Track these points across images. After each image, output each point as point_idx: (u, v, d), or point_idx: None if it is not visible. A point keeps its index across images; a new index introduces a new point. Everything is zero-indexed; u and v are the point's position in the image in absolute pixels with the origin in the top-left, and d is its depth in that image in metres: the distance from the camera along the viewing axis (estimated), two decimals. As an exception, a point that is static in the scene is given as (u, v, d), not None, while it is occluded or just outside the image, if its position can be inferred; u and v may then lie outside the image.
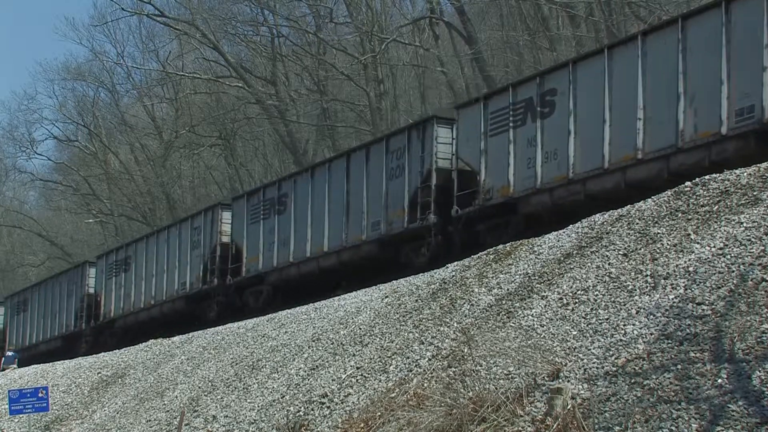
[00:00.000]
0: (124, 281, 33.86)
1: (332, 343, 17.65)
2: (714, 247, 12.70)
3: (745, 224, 12.87)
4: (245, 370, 19.23)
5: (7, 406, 21.11)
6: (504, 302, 14.87)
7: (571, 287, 13.90)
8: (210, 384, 19.71)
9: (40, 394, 20.12)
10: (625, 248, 14.11)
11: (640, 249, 13.79)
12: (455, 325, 15.11)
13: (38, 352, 37.19)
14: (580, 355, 11.95)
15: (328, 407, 15.11)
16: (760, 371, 9.91)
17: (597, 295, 13.29)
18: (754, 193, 13.70)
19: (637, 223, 14.71)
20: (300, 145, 48.30)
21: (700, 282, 12.03)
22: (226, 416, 17.48)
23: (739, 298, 11.28)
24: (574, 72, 19.65)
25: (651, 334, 11.55)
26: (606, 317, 12.60)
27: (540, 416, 11.05)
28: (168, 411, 19.77)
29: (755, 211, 13.09)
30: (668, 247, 13.38)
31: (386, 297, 18.63)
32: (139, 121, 58.90)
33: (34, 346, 38.25)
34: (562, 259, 15.22)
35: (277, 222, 27.18)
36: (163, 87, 55.29)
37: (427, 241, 22.36)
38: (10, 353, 36.26)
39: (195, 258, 30.20)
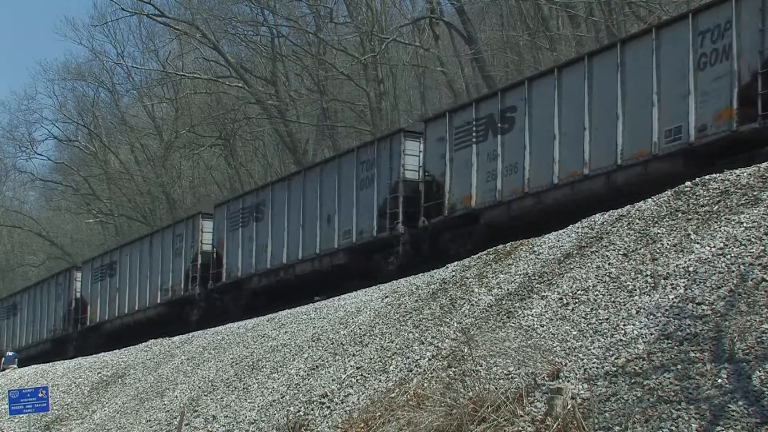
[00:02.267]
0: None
1: (332, 343, 17.65)
2: (714, 247, 12.70)
3: (745, 224, 12.87)
4: (245, 370, 19.23)
5: (7, 406, 21.11)
6: (504, 302, 14.87)
7: (571, 287, 13.90)
8: (210, 384, 19.71)
9: (40, 394, 20.12)
10: (625, 248, 14.11)
11: (640, 249, 13.79)
12: (455, 325, 15.11)
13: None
14: (580, 355, 11.95)
15: (328, 407, 15.11)
16: (760, 371, 9.91)
17: (597, 295, 13.29)
18: (754, 193, 13.70)
19: (637, 223, 14.71)
20: (300, 145, 48.30)
21: (700, 282, 12.03)
22: (226, 416, 17.48)
23: (739, 298, 11.28)
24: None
25: (651, 334, 11.55)
26: (606, 317, 12.60)
27: (540, 416, 11.05)
28: (168, 411, 19.77)
29: (755, 211, 13.09)
30: (668, 247, 13.38)
31: (386, 297, 18.64)
32: (139, 121, 58.89)
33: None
34: (562, 259, 15.22)
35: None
36: (163, 87, 55.29)
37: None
38: (10, 353, 36.24)
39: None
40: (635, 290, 12.79)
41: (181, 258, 31.28)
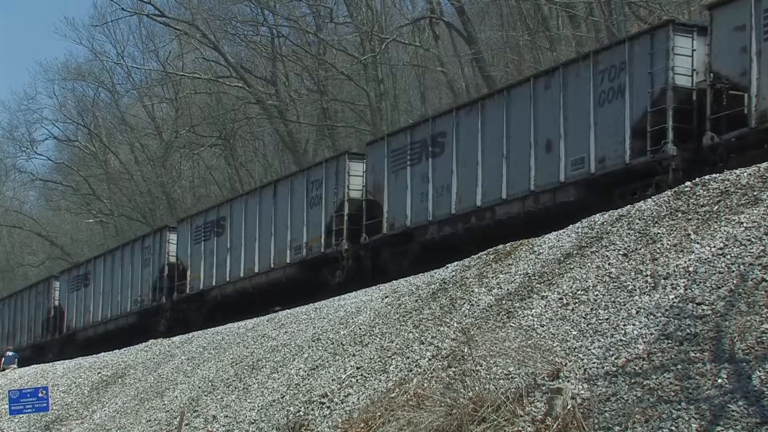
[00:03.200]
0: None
1: (332, 343, 17.65)
2: (714, 247, 12.70)
3: (745, 224, 12.87)
4: (245, 370, 19.23)
5: (7, 406, 21.11)
6: (504, 302, 14.86)
7: (571, 287, 13.89)
8: (210, 384, 19.70)
9: (40, 394, 20.13)
10: (625, 248, 14.11)
11: (640, 249, 13.79)
12: (455, 325, 15.11)
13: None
14: (580, 355, 11.95)
15: (328, 407, 15.11)
16: (760, 371, 9.91)
17: (597, 295, 13.29)
18: (754, 193, 13.70)
19: (637, 223, 14.71)
20: (300, 145, 48.29)
21: (700, 282, 12.03)
22: (226, 416, 17.48)
23: (739, 298, 11.28)
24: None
25: (651, 334, 11.55)
26: (606, 317, 12.60)
27: (540, 416, 11.05)
28: (168, 411, 19.77)
29: (755, 211, 13.09)
30: (668, 247, 13.38)
31: (386, 297, 18.63)
32: (139, 121, 58.87)
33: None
34: (562, 259, 15.22)
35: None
36: (163, 87, 55.26)
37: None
38: (10, 353, 36.24)
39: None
40: (635, 290, 12.79)
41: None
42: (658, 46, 18.45)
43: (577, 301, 13.45)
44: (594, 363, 11.61)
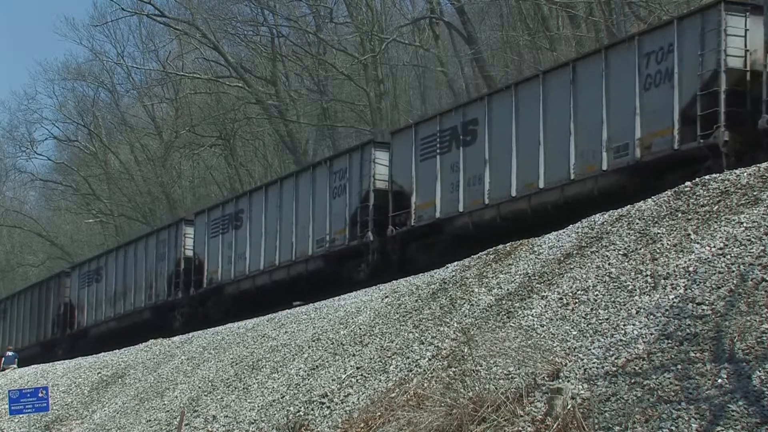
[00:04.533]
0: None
1: (332, 343, 17.65)
2: (714, 247, 12.70)
3: (745, 224, 12.87)
4: (245, 370, 19.23)
5: (7, 406, 21.10)
6: (504, 302, 14.86)
7: (571, 287, 13.90)
8: (210, 384, 19.70)
9: (40, 394, 20.13)
10: (625, 248, 14.11)
11: (640, 249, 13.79)
12: (455, 325, 15.11)
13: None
14: (580, 355, 11.95)
15: (328, 407, 15.11)
16: (760, 371, 9.91)
17: (597, 295, 13.29)
18: (754, 193, 13.70)
19: (637, 223, 14.71)
20: (300, 145, 48.31)
21: (700, 282, 12.03)
22: (226, 416, 17.48)
23: (739, 298, 11.28)
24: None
25: (651, 334, 11.55)
26: (606, 317, 12.60)
27: (540, 416, 11.05)
28: (168, 411, 19.77)
29: (755, 211, 13.09)
30: (668, 247, 13.38)
31: (386, 297, 18.63)
32: (139, 121, 58.89)
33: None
34: (562, 259, 15.22)
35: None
36: (163, 87, 55.28)
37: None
38: (10, 353, 36.23)
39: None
40: (635, 290, 12.79)
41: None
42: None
43: (577, 301, 13.45)
44: (594, 363, 11.61)
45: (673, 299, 12.02)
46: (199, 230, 30.54)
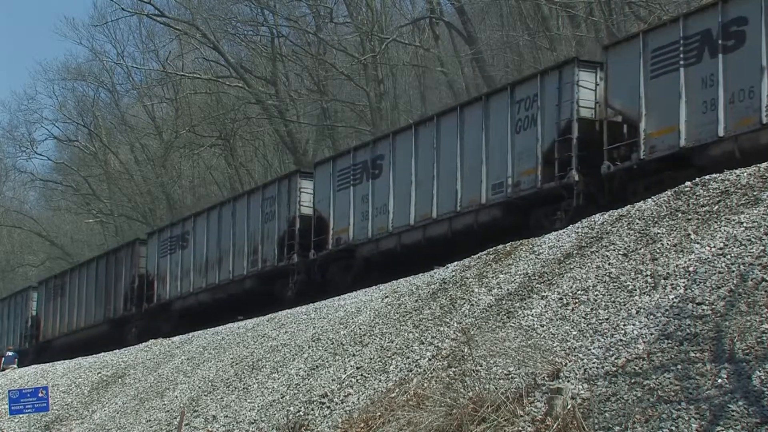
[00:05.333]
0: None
1: (332, 343, 17.65)
2: (714, 247, 12.70)
3: (745, 224, 12.87)
4: (245, 370, 19.23)
5: (7, 406, 21.10)
6: (504, 302, 14.87)
7: (571, 287, 13.90)
8: (210, 384, 19.70)
9: (40, 394, 20.13)
10: (625, 248, 14.11)
11: (640, 249, 13.79)
12: (455, 325, 15.11)
13: None
14: (580, 355, 11.95)
15: (328, 407, 15.11)
16: (760, 371, 9.91)
17: (597, 295, 13.29)
18: (754, 193, 13.70)
19: (637, 223, 14.71)
20: (300, 145, 48.30)
21: (700, 282, 12.03)
22: (226, 416, 17.48)
23: (739, 298, 11.28)
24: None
25: (651, 334, 11.55)
26: (606, 317, 12.60)
27: (540, 416, 11.05)
28: (168, 411, 19.77)
29: (755, 211, 13.09)
30: (668, 247, 13.38)
31: (386, 297, 18.64)
32: (139, 121, 58.87)
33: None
34: (562, 259, 15.22)
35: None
36: (163, 87, 55.25)
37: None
38: (10, 353, 36.24)
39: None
40: (635, 290, 12.79)
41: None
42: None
43: (577, 301, 13.45)
44: (594, 363, 11.61)
45: (673, 299, 12.02)
46: (322, 183, 26.94)
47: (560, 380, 11.54)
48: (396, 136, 24.10)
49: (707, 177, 15.11)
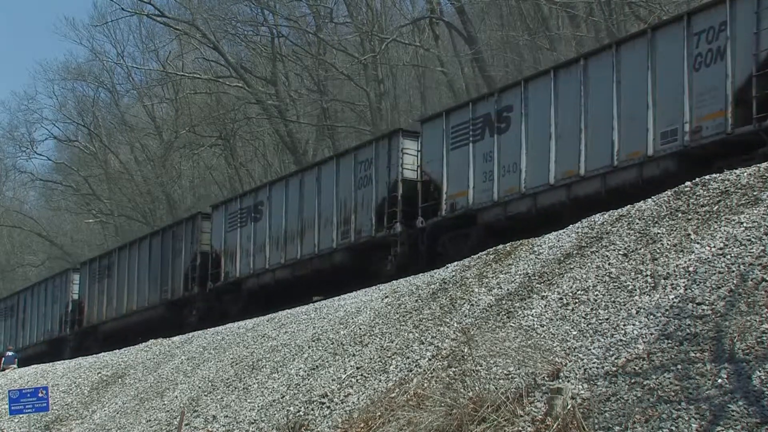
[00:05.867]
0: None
1: (332, 343, 17.65)
2: (714, 247, 12.70)
3: (745, 224, 12.87)
4: (245, 370, 19.23)
5: (7, 406, 21.10)
6: (504, 302, 14.87)
7: (571, 287, 13.90)
8: (210, 384, 19.71)
9: (40, 394, 20.13)
10: (625, 248, 14.11)
11: (640, 249, 13.79)
12: (455, 325, 15.11)
13: None
14: (580, 355, 11.95)
15: (328, 407, 15.11)
16: (760, 371, 9.91)
17: (597, 295, 13.29)
18: (754, 193, 13.70)
19: (637, 223, 14.71)
20: (300, 145, 48.31)
21: (700, 282, 12.03)
22: (226, 416, 17.48)
23: (739, 298, 11.28)
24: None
25: (651, 334, 11.55)
26: (606, 317, 12.60)
27: (540, 416, 11.05)
28: (168, 411, 19.77)
29: (755, 211, 13.09)
30: (668, 247, 13.38)
31: (386, 297, 18.64)
32: (139, 121, 58.91)
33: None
34: (562, 259, 15.22)
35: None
36: (163, 87, 55.30)
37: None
38: (10, 353, 36.23)
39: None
40: (635, 290, 12.79)
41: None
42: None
43: (577, 301, 13.45)
44: (594, 363, 11.61)
45: (673, 299, 12.02)
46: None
47: (560, 380, 11.54)
48: (528, 84, 21.00)
49: (707, 177, 15.11)
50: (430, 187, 22.92)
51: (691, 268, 12.48)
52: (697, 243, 13.04)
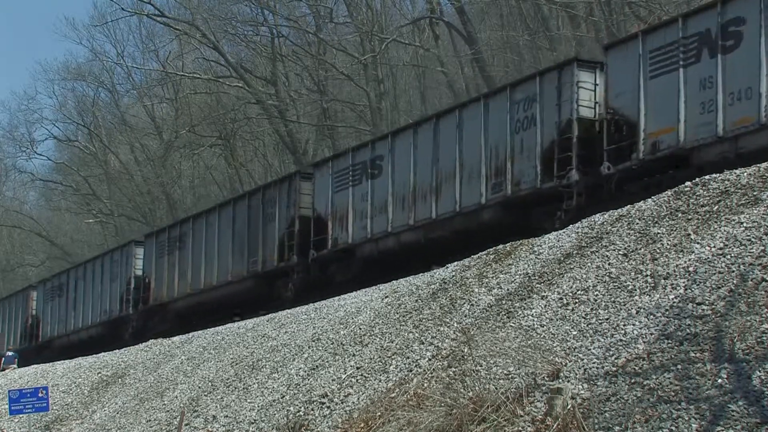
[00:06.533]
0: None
1: (332, 343, 17.65)
2: (714, 247, 12.70)
3: (745, 224, 12.87)
4: (245, 370, 19.23)
5: (7, 406, 21.10)
6: (504, 302, 14.86)
7: (571, 287, 13.90)
8: (210, 384, 19.71)
9: (40, 394, 20.13)
10: (625, 248, 14.11)
11: (640, 249, 13.79)
12: (455, 325, 15.11)
13: None
14: (580, 355, 11.95)
15: (328, 407, 15.11)
16: (760, 371, 9.91)
17: (597, 295, 13.29)
18: (754, 193, 13.70)
19: (637, 223, 14.71)
20: (300, 145, 48.30)
21: (700, 282, 12.03)
22: (226, 416, 17.48)
23: (739, 298, 11.28)
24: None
25: (651, 334, 11.55)
26: (606, 317, 12.60)
27: (540, 416, 11.05)
28: (168, 411, 19.77)
29: (755, 211, 13.09)
30: (668, 247, 13.38)
31: (386, 297, 18.63)
32: (139, 121, 58.91)
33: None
34: (562, 259, 15.22)
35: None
36: (163, 87, 55.30)
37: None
38: (10, 353, 36.23)
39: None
40: (635, 290, 12.79)
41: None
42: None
43: (577, 301, 13.45)
44: (594, 363, 11.61)
45: (673, 299, 12.02)
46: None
47: (560, 380, 11.54)
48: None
49: (707, 177, 15.10)
50: (618, 125, 19.53)
51: (691, 268, 12.48)
52: (697, 243, 13.03)
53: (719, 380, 10.12)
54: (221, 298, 28.90)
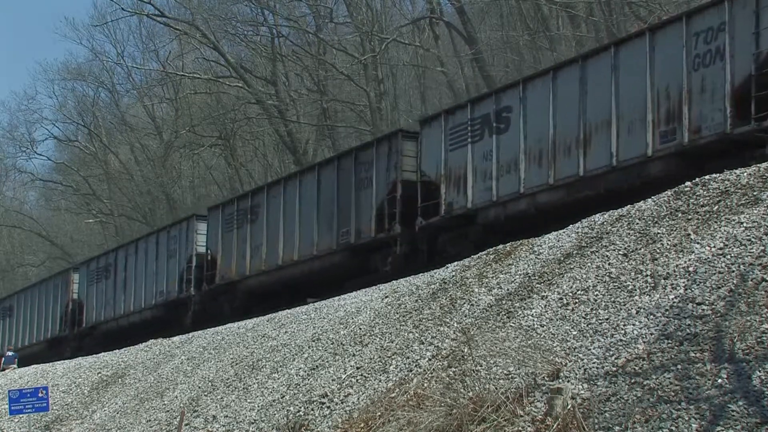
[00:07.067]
0: (251, 234, 28.10)
1: (332, 343, 17.65)
2: (714, 247, 12.70)
3: (745, 224, 12.87)
4: (245, 370, 19.23)
5: (7, 406, 21.11)
6: (504, 302, 14.86)
7: (571, 287, 13.90)
8: (210, 384, 19.71)
9: (40, 394, 20.13)
10: (625, 248, 14.11)
11: (640, 249, 13.79)
12: (455, 325, 15.11)
13: None
14: (580, 355, 11.95)
15: (328, 407, 15.11)
16: (760, 371, 9.91)
17: (597, 295, 13.29)
18: (754, 193, 13.70)
19: (637, 223, 14.71)
20: (300, 145, 48.29)
21: (700, 282, 12.03)
22: (226, 416, 17.48)
23: (739, 298, 11.28)
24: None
25: (651, 334, 11.55)
26: (606, 317, 12.60)
27: (540, 416, 11.05)
28: (168, 411, 19.77)
29: (755, 211, 13.09)
30: (668, 247, 13.38)
31: (386, 297, 18.63)
32: (139, 121, 58.91)
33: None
34: (562, 259, 15.22)
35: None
36: (163, 87, 55.31)
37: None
38: (10, 353, 36.22)
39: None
40: (635, 290, 12.79)
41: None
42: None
43: (577, 301, 13.45)
44: (594, 363, 11.61)
45: (673, 299, 12.02)
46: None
47: (560, 380, 11.54)
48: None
49: (707, 177, 15.11)
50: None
51: (691, 268, 12.48)
52: (697, 243, 13.03)
53: (719, 380, 10.12)
54: (303, 274, 26.09)
